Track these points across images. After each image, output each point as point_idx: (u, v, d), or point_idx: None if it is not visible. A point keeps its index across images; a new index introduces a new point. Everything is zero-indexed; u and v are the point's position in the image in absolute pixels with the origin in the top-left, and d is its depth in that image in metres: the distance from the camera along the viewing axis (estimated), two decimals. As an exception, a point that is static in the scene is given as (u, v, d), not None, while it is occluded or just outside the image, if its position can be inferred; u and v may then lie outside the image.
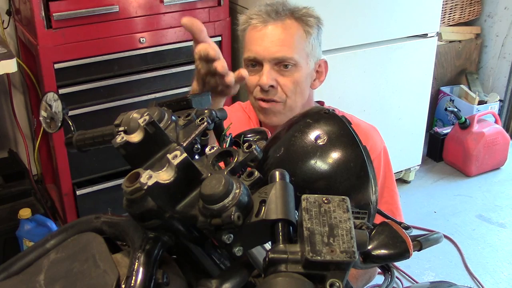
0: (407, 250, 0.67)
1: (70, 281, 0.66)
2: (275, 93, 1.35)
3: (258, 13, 1.35)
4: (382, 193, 1.38)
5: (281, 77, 1.34)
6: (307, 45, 1.36)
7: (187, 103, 0.88)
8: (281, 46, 1.32)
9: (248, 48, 1.37)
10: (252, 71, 1.37)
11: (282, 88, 1.34)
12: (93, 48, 2.14)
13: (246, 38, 1.38)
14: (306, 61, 1.36)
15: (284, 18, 1.34)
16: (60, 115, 1.01)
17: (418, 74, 2.78)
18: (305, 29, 1.35)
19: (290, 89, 1.34)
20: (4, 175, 2.51)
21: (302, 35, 1.35)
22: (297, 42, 1.33)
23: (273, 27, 1.33)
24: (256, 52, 1.34)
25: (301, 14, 1.35)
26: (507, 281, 2.39)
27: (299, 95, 1.37)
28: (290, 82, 1.34)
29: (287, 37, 1.33)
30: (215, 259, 0.73)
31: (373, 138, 1.39)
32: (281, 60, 1.32)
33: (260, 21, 1.34)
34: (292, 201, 0.61)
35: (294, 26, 1.34)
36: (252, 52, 1.35)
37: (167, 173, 0.60)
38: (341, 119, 0.76)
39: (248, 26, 1.37)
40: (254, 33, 1.35)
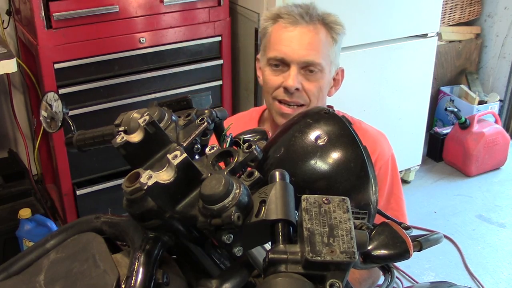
0: (407, 250, 0.67)
1: (70, 281, 0.66)
2: (299, 96, 1.34)
3: (290, 12, 1.34)
4: (389, 200, 1.38)
5: (306, 81, 1.33)
6: (332, 52, 1.36)
7: (187, 103, 0.88)
8: (310, 50, 1.31)
9: (275, 47, 1.35)
10: (275, 71, 1.35)
11: (307, 92, 1.34)
12: (93, 48, 2.14)
13: (272, 36, 1.36)
14: (330, 68, 1.37)
15: (315, 22, 1.33)
16: (61, 115, 1.01)
17: (418, 74, 2.78)
18: (332, 36, 1.36)
19: (313, 94, 1.34)
20: (4, 175, 2.51)
21: (329, 42, 1.35)
22: (324, 48, 1.33)
23: (304, 30, 1.32)
24: (285, 53, 1.32)
25: (330, 20, 1.36)
26: (507, 281, 2.39)
27: (321, 101, 1.37)
28: (315, 87, 1.34)
29: (316, 41, 1.32)
30: (215, 259, 0.73)
31: (381, 145, 1.38)
32: (309, 64, 1.32)
33: (291, 21, 1.33)
34: (292, 201, 0.61)
35: (323, 32, 1.34)
36: (281, 53, 1.33)
37: (167, 173, 0.60)
38: (341, 119, 0.76)
39: (274, 23, 1.35)
40: (283, 32, 1.33)
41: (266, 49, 1.38)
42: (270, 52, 1.36)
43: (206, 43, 2.38)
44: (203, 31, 2.33)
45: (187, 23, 2.29)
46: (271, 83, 1.36)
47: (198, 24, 2.31)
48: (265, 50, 1.38)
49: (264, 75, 1.38)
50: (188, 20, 2.29)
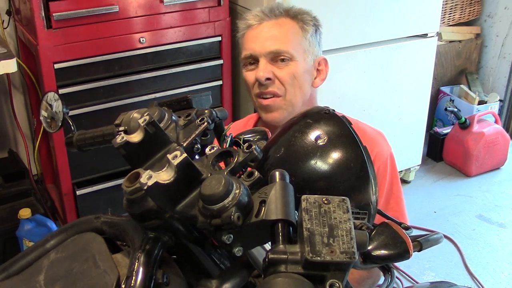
0: (407, 250, 0.67)
1: (70, 281, 0.66)
2: (273, 86, 1.36)
3: (254, 14, 1.39)
4: (389, 200, 1.37)
5: (278, 69, 1.35)
6: (303, 41, 1.38)
7: (187, 103, 0.88)
8: (275, 41, 1.34)
9: (244, 47, 1.39)
10: (250, 69, 1.38)
11: (280, 80, 1.35)
12: (93, 48, 2.14)
13: (243, 39, 1.40)
14: (303, 56, 1.38)
15: (278, 16, 1.37)
16: (61, 115, 1.01)
17: (418, 74, 2.78)
18: (300, 25, 1.37)
19: (287, 82, 1.35)
20: (4, 175, 2.51)
21: (297, 31, 1.37)
22: (292, 37, 1.36)
23: (268, 24, 1.36)
24: (252, 49, 1.36)
25: (296, 12, 1.38)
26: (507, 281, 2.39)
27: (298, 89, 1.38)
28: (287, 74, 1.35)
29: (281, 32, 1.35)
30: (215, 259, 0.73)
31: (380, 144, 1.38)
32: (276, 54, 1.34)
33: (256, 20, 1.37)
34: (292, 201, 0.61)
35: (289, 23, 1.37)
36: (248, 50, 1.37)
37: (167, 173, 0.60)
38: (341, 119, 0.76)
39: (246, 29, 1.40)
40: (250, 32, 1.38)
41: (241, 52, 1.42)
42: (242, 53, 1.40)
43: (206, 43, 2.38)
44: (203, 31, 2.33)
45: (187, 23, 2.29)
46: (248, 80, 1.39)
47: (198, 24, 2.31)
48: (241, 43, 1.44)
49: (244, 77, 1.42)
50: (188, 20, 2.29)
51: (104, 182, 2.35)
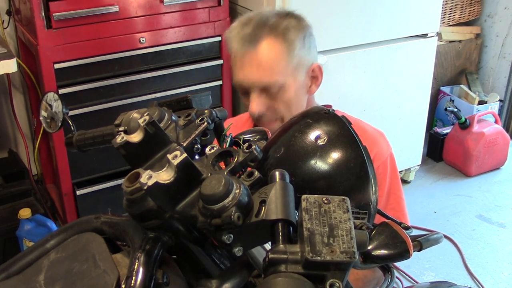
0: (407, 250, 0.67)
1: (70, 281, 0.66)
2: (268, 117, 1.31)
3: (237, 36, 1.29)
4: (388, 200, 1.37)
5: (271, 100, 1.29)
6: (291, 60, 1.28)
7: (187, 103, 0.88)
8: (262, 72, 1.26)
9: (233, 73, 1.33)
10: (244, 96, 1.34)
11: (275, 111, 1.30)
12: (93, 48, 2.14)
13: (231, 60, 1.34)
14: (294, 76, 1.30)
15: (261, 39, 1.26)
16: (60, 115, 1.01)
17: (418, 74, 2.78)
18: (285, 44, 1.27)
19: (283, 110, 1.30)
20: (4, 175, 2.51)
21: (283, 53, 1.27)
22: (277, 62, 1.27)
23: (251, 52, 1.26)
24: (239, 80, 1.30)
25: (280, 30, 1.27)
26: (507, 281, 2.39)
27: (295, 109, 1.32)
28: (281, 104, 1.29)
29: (266, 60, 1.26)
30: (215, 259, 0.73)
31: (380, 144, 1.36)
32: (265, 86, 1.27)
33: (239, 47, 1.28)
34: (292, 201, 0.61)
35: (273, 46, 1.26)
36: (236, 80, 1.32)
37: (167, 173, 0.60)
38: (341, 119, 0.76)
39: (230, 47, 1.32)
40: (235, 58, 1.31)
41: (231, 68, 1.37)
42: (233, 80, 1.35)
43: (206, 43, 2.38)
44: (203, 31, 2.33)
45: (187, 23, 2.29)
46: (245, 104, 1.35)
47: (198, 24, 2.31)
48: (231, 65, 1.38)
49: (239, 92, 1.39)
50: (188, 20, 2.29)
51: (104, 182, 2.35)
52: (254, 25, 1.28)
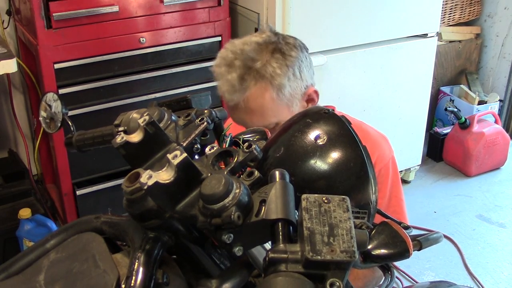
0: (407, 249, 0.67)
1: (70, 281, 0.66)
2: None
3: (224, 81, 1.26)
4: (390, 202, 1.37)
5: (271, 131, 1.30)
6: (283, 98, 1.27)
7: (187, 103, 0.88)
8: (254, 118, 1.26)
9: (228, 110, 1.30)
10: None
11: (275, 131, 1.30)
12: (93, 48, 2.14)
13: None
14: (289, 109, 1.29)
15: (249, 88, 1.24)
16: (60, 115, 1.01)
17: (418, 74, 2.78)
18: (274, 89, 1.25)
19: None
20: (4, 175, 2.51)
21: (271, 96, 1.26)
22: (269, 106, 1.26)
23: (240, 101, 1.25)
24: (235, 121, 1.31)
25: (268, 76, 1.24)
26: (507, 281, 2.39)
27: None
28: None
29: (257, 107, 1.26)
30: (215, 259, 0.73)
31: (382, 147, 1.37)
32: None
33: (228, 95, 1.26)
34: (292, 200, 0.61)
35: (260, 92, 1.25)
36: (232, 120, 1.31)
37: (167, 173, 0.60)
38: (340, 119, 0.76)
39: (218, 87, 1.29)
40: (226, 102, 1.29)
41: None
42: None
43: (206, 43, 2.38)
44: (203, 31, 2.33)
45: (187, 23, 2.29)
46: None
47: (198, 24, 2.31)
48: None
49: None
50: (188, 20, 2.29)
51: (104, 182, 2.35)
52: (239, 69, 1.24)
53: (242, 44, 1.27)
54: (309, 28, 2.32)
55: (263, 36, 1.28)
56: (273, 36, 1.29)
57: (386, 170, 1.35)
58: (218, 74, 1.28)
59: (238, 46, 1.27)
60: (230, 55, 1.26)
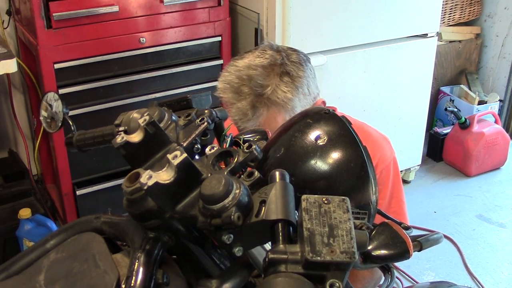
0: (407, 250, 0.67)
1: (70, 281, 0.66)
2: None
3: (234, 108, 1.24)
4: (391, 203, 1.37)
5: None
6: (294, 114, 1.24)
7: (187, 103, 0.88)
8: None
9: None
10: None
11: None
12: (93, 48, 2.14)
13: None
14: None
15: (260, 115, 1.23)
16: (61, 115, 1.01)
17: (418, 74, 2.78)
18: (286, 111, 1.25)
19: None
20: (4, 175, 2.51)
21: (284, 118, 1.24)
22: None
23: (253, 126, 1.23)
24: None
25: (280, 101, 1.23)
26: (507, 281, 2.39)
27: None
28: None
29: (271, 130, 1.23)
30: (215, 259, 0.73)
31: (383, 148, 1.37)
32: None
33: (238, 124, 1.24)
34: (292, 201, 0.61)
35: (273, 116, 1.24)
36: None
37: (167, 173, 0.60)
38: (341, 119, 0.76)
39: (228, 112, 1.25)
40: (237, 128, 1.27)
41: None
42: None
43: (206, 43, 2.38)
44: (203, 31, 2.33)
45: (187, 23, 2.29)
46: None
47: (198, 24, 2.31)
48: None
49: None
50: (188, 20, 2.29)
51: (104, 182, 2.35)
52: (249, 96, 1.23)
53: (247, 69, 1.24)
54: (309, 28, 2.32)
55: (266, 57, 1.26)
56: (277, 55, 1.27)
57: (387, 171, 1.35)
58: (226, 101, 1.26)
59: (244, 72, 1.24)
60: (235, 81, 1.24)
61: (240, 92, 1.23)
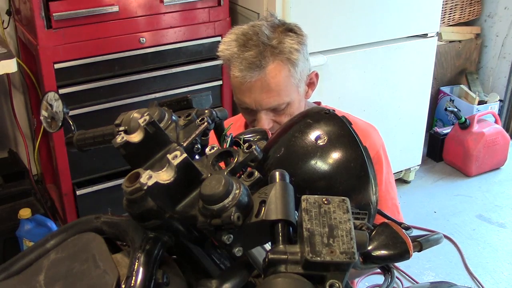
0: (407, 250, 0.67)
1: (70, 281, 0.66)
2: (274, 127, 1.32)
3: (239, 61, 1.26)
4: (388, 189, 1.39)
5: (278, 116, 1.32)
6: (295, 77, 1.30)
7: (187, 103, 0.88)
8: (271, 97, 1.27)
9: (237, 96, 1.32)
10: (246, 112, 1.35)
11: (280, 124, 1.31)
12: (93, 48, 2.14)
13: (232, 80, 1.31)
14: (297, 90, 1.32)
15: (267, 64, 1.25)
16: (61, 115, 1.01)
17: (418, 74, 2.78)
18: (289, 65, 1.28)
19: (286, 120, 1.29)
20: (4, 175, 2.51)
21: (287, 74, 1.28)
22: (285, 84, 1.28)
23: (258, 79, 1.25)
24: (247, 103, 1.30)
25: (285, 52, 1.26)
26: (507, 281, 2.39)
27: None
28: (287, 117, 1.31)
29: (274, 85, 1.27)
30: (215, 259, 0.73)
31: (372, 136, 1.39)
32: (274, 107, 1.30)
33: (244, 73, 1.25)
34: (292, 201, 0.61)
35: (279, 70, 1.27)
36: (243, 103, 1.31)
37: (167, 173, 0.60)
38: (341, 119, 0.76)
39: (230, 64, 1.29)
40: (240, 84, 1.28)
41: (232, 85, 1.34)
42: (235, 98, 1.34)
43: (206, 43, 2.38)
44: (203, 31, 2.33)
45: (187, 23, 2.29)
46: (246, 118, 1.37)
47: (198, 24, 2.31)
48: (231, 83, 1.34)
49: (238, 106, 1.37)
50: (188, 20, 2.29)
51: (104, 182, 2.35)
52: (255, 47, 1.25)
53: (251, 27, 1.29)
54: (309, 28, 2.30)
55: (269, 20, 1.32)
56: (276, 20, 1.33)
57: (379, 158, 1.37)
58: (231, 56, 1.27)
59: (248, 29, 1.29)
60: (241, 36, 1.27)
61: (247, 44, 1.26)
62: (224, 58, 1.31)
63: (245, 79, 1.26)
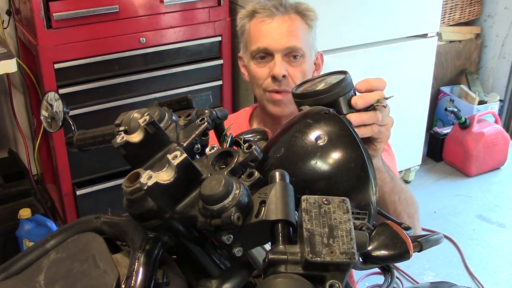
0: (407, 251, 0.67)
1: (70, 281, 0.66)
2: (287, 83, 1.37)
3: (264, 7, 1.39)
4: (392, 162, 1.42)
5: (291, 67, 1.37)
6: (310, 38, 1.42)
7: (187, 103, 0.88)
8: (291, 37, 1.36)
9: (257, 40, 1.39)
10: (261, 63, 1.39)
11: (292, 78, 1.37)
12: (93, 48, 2.14)
13: (251, 31, 1.41)
14: (310, 52, 1.42)
15: (290, 12, 1.39)
16: (61, 115, 1.01)
17: (418, 74, 2.78)
18: (307, 22, 1.41)
19: (298, 79, 1.36)
20: (4, 175, 2.51)
21: (305, 28, 1.41)
22: (302, 34, 1.39)
23: (281, 20, 1.37)
24: (267, 43, 1.37)
25: (303, 8, 1.41)
26: (507, 281, 2.39)
27: None
28: (299, 72, 1.38)
29: (295, 29, 1.38)
30: (215, 259, 0.73)
31: None
32: (291, 50, 1.36)
33: (267, 15, 1.38)
34: (292, 201, 0.61)
35: (298, 20, 1.40)
36: (263, 43, 1.37)
37: (167, 173, 0.60)
38: (341, 119, 0.76)
39: (251, 19, 1.41)
40: (262, 25, 1.39)
41: (248, 44, 1.43)
42: (252, 46, 1.40)
43: (206, 43, 2.38)
44: (203, 31, 2.33)
45: (187, 23, 2.29)
46: (258, 75, 1.40)
47: (198, 24, 2.31)
48: (247, 46, 1.44)
49: (250, 70, 1.43)
50: (188, 20, 2.29)
51: (104, 182, 2.35)
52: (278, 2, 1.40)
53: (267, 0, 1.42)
54: (309, 28, 2.32)
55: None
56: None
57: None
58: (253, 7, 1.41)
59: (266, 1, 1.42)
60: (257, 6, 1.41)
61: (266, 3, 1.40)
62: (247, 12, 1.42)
63: (267, 18, 1.37)
